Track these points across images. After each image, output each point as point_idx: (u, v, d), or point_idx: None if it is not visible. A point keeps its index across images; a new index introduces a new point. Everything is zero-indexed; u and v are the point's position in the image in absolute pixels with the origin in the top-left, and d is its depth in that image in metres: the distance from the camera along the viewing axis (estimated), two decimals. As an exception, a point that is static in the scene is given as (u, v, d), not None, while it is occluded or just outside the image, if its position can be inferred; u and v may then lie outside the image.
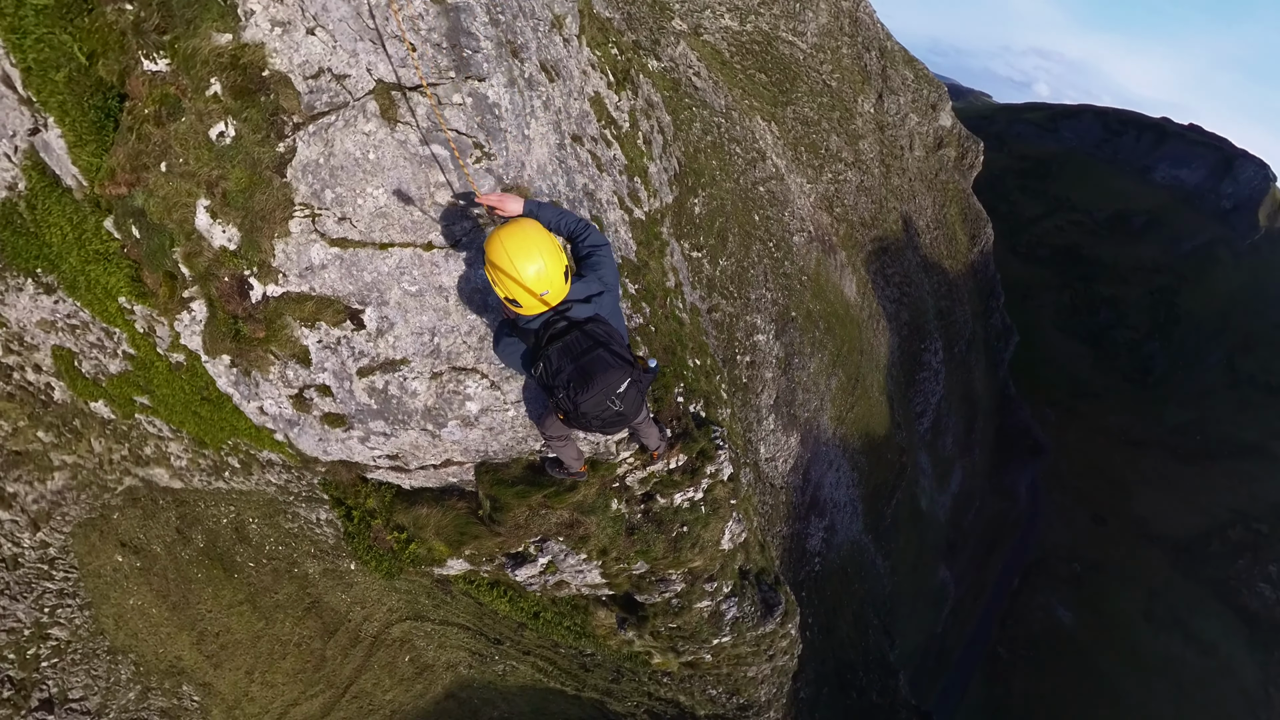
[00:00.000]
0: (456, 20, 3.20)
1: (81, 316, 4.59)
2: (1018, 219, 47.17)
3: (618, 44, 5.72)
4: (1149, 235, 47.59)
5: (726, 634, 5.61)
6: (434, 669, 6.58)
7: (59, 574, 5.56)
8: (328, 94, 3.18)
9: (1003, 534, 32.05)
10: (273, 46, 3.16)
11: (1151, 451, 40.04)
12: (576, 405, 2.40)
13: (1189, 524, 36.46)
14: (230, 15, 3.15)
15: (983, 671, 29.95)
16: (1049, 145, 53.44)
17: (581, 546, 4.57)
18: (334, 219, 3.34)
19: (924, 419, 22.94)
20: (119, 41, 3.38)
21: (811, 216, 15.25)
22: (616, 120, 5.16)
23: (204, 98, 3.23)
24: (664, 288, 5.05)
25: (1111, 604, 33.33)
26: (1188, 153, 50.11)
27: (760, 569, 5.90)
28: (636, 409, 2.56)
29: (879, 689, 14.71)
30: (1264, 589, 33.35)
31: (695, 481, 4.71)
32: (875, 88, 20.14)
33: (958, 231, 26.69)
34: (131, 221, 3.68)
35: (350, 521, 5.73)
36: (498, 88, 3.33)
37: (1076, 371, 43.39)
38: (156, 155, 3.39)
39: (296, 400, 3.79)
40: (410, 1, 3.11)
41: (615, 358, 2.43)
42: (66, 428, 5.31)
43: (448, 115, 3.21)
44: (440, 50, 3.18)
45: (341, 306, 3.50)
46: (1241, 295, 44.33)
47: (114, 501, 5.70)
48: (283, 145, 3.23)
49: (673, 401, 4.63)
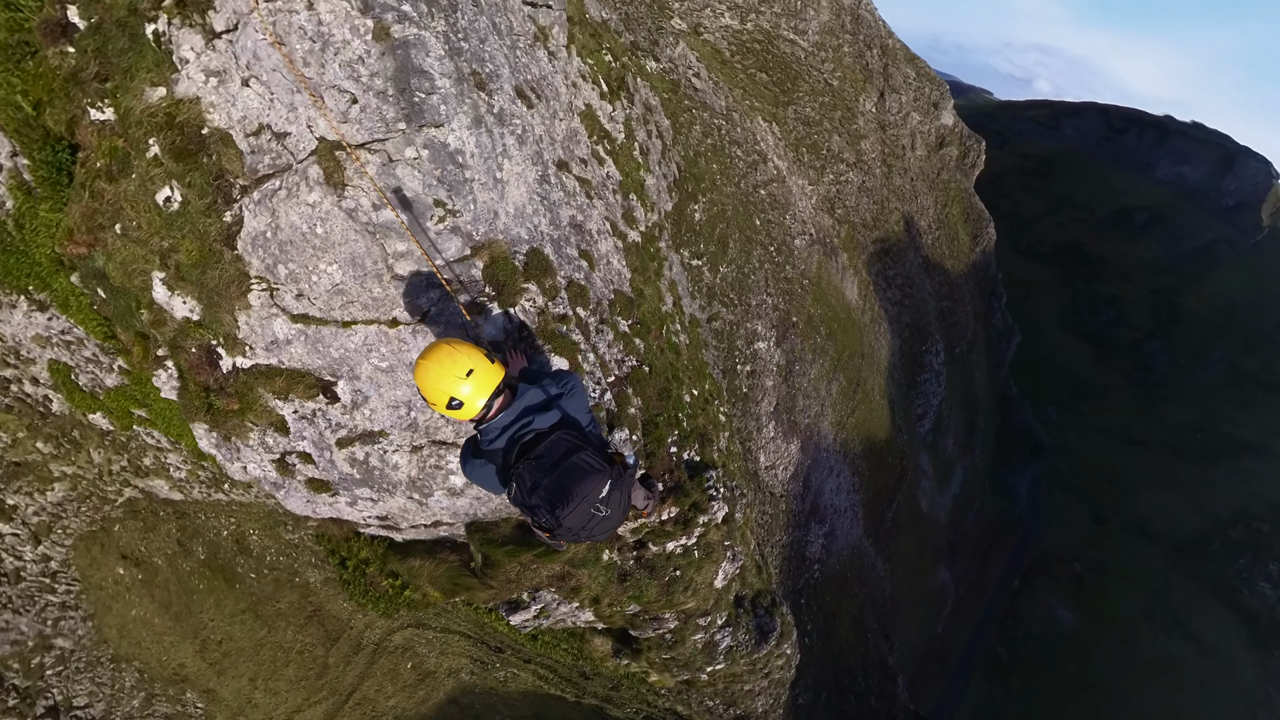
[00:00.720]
0: (405, 59, 2.74)
1: (76, 333, 4.55)
2: (1019, 217, 46.93)
3: (612, 49, 5.55)
4: (1151, 233, 47.34)
5: (721, 662, 5.65)
6: (436, 675, 6.58)
7: (61, 587, 5.55)
8: (269, 154, 2.87)
9: (1003, 534, 32.04)
10: (209, 100, 2.89)
11: (1153, 451, 39.97)
12: (559, 522, 2.26)
13: (1190, 523, 36.42)
14: (165, 64, 2.92)
15: (983, 672, 30.01)
16: (1051, 143, 53.08)
17: (574, 596, 4.56)
18: (291, 295, 3.10)
19: (925, 420, 22.90)
20: (64, 89, 3.20)
21: (813, 219, 15.17)
22: (610, 133, 4.94)
23: (145, 160, 3.03)
24: (660, 314, 4.93)
25: (1112, 604, 33.34)
26: (1190, 150, 49.78)
27: (756, 592, 5.90)
28: (623, 510, 2.43)
29: (878, 693, 14.74)
30: (1264, 588, 33.33)
31: (688, 530, 4.67)
32: (877, 86, 19.98)
33: (959, 231, 26.57)
34: (95, 283, 3.54)
35: (345, 570, 5.75)
36: (460, 131, 2.91)
37: (1078, 371, 43.26)
38: (110, 216, 3.21)
39: (279, 465, 3.64)
40: (348, 44, 2.68)
41: (591, 462, 2.30)
42: (65, 439, 5.29)
43: (399, 174, 2.80)
44: (385, 99, 2.74)
45: (313, 380, 3.30)
46: (1244, 294, 44.13)
47: (115, 514, 5.69)
48: (229, 214, 2.98)
49: (665, 454, 4.47)
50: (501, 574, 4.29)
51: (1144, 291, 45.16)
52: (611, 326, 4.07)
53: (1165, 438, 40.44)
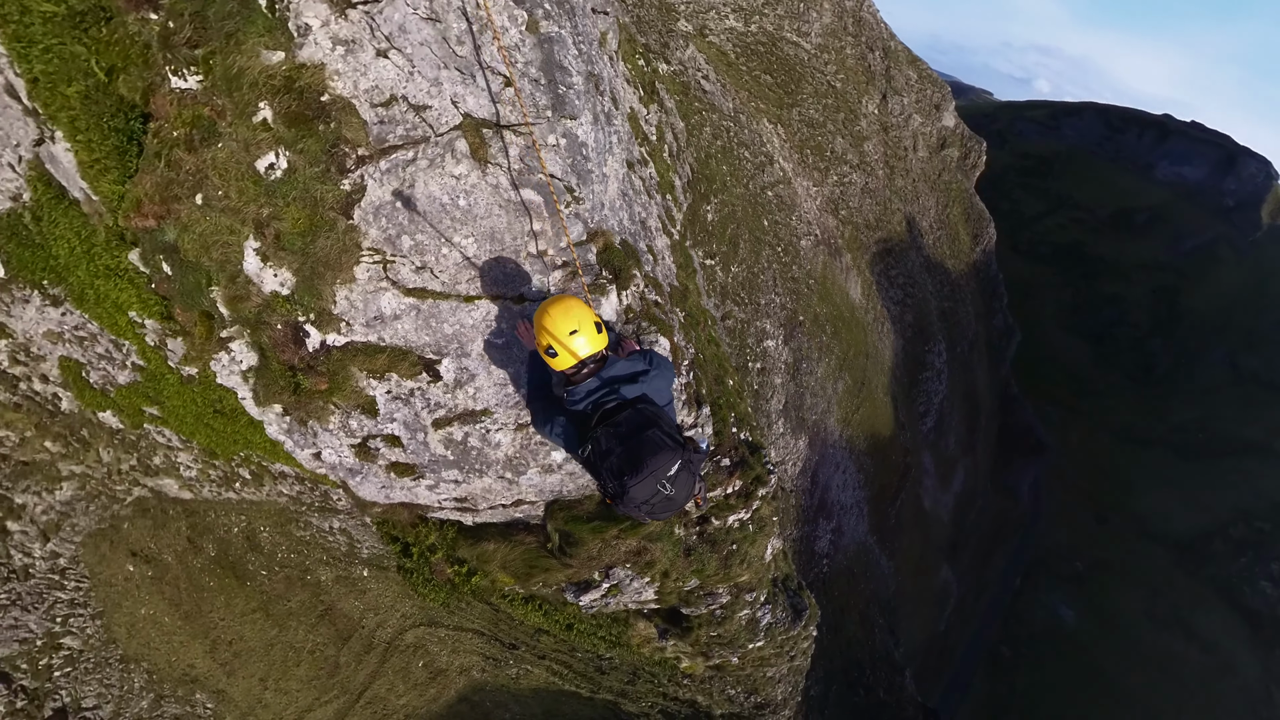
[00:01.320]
0: (550, 53, 2.92)
1: (90, 328, 4.52)
2: (1020, 217, 47.08)
3: (643, 55, 5.66)
4: (1151, 233, 47.49)
5: (761, 639, 5.76)
6: (447, 673, 6.57)
7: (70, 584, 5.54)
8: (403, 126, 2.82)
9: (1005, 533, 32.09)
10: (334, 68, 2.79)
11: (1154, 450, 40.06)
12: (625, 489, 2.32)
13: (1191, 522, 36.51)
14: (279, 30, 2.77)
15: (985, 669, 30.04)
16: (1051, 143, 53.26)
17: (647, 570, 4.61)
18: (411, 268, 3.01)
19: (927, 419, 22.95)
20: (142, 55, 2.97)
21: (818, 220, 15.22)
22: (648, 135, 5.11)
23: (250, 124, 2.85)
24: (701, 309, 5.07)
25: (1113, 602, 33.38)
26: (1190, 150, 49.96)
27: (785, 575, 6.03)
28: (688, 493, 2.46)
29: (885, 686, 14.77)
30: (1266, 587, 33.41)
31: (748, 504, 4.79)
32: (879, 88, 20.06)
33: (960, 231, 26.65)
34: (161, 257, 3.34)
35: (408, 558, 5.64)
36: (586, 126, 3.11)
37: (1079, 370, 43.35)
38: (190, 186, 3.03)
39: (360, 450, 3.52)
40: (506, 30, 2.82)
41: (666, 438, 2.36)
42: (74, 437, 5.26)
43: (543, 157, 2.95)
44: (539, 86, 2.90)
45: (416, 358, 3.21)
46: (1244, 293, 44.27)
47: (124, 512, 5.66)
48: (348, 182, 2.87)
49: (729, 433, 4.59)
50: (584, 551, 4.27)
51: (1145, 290, 45.31)
52: (676, 316, 4.21)
53: (1167, 436, 40.54)
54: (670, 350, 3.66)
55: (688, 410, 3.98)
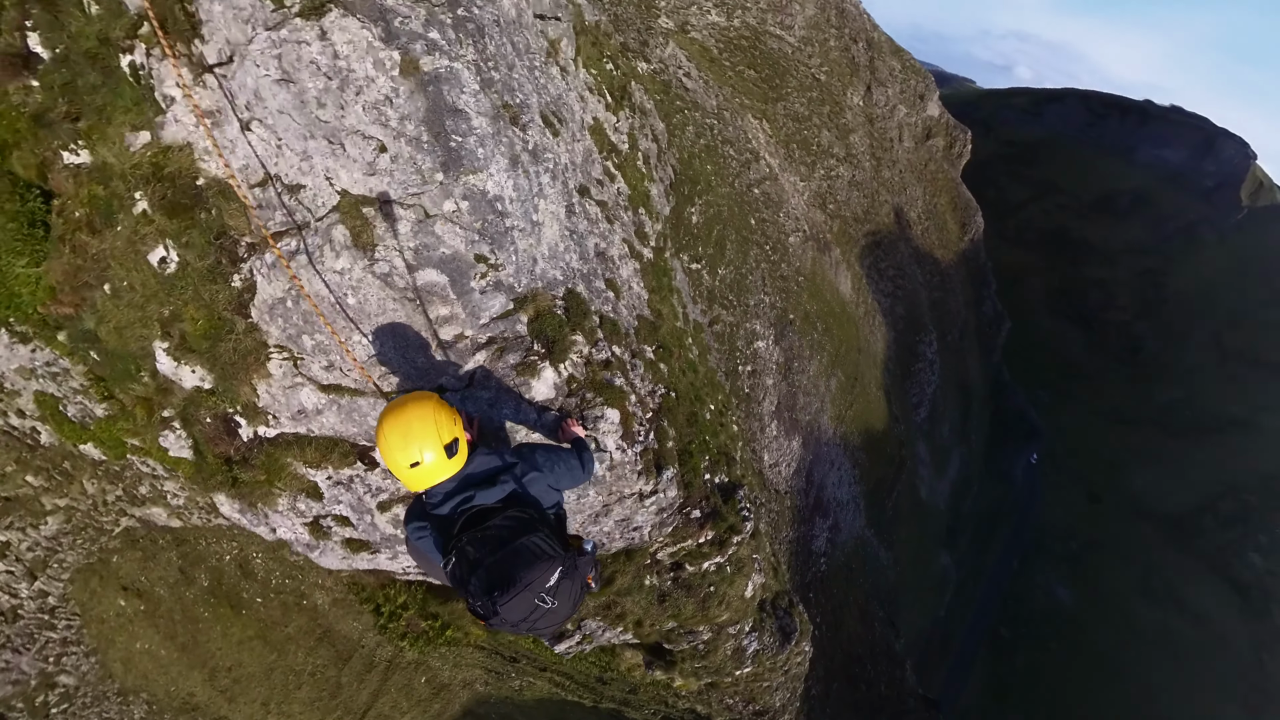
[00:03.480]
0: (438, 96, 2.37)
1: (62, 364, 4.28)
2: (1005, 204, 47.44)
3: (612, 57, 5.47)
4: (1135, 216, 48.09)
5: (749, 666, 5.74)
6: (450, 688, 6.53)
7: (61, 622, 5.43)
8: (280, 210, 2.46)
9: (1001, 517, 32.56)
10: (203, 146, 2.48)
11: (1143, 429, 40.76)
12: (496, 609, 1.95)
13: (1181, 498, 37.25)
14: (146, 102, 2.49)
15: (987, 652, 30.55)
16: (1034, 130, 53.69)
17: (619, 622, 4.55)
18: (320, 365, 2.74)
19: (921, 410, 23.16)
20: (31, 128, 2.71)
21: (806, 215, 15.22)
22: (617, 145, 4.76)
23: (133, 216, 2.59)
24: (676, 331, 4.84)
25: (1108, 580, 34.04)
26: (1170, 133, 50.58)
27: (775, 594, 6.02)
28: (573, 603, 2.10)
29: (886, 680, 14.97)
30: (1254, 558, 34.22)
31: (723, 550, 4.67)
32: (864, 80, 20.07)
33: (948, 221, 26.82)
34: (86, 345, 3.14)
35: (380, 616, 5.68)
36: (498, 175, 2.58)
37: (1068, 354, 43.96)
38: (97, 274, 2.78)
39: (313, 528, 3.34)
40: (372, 81, 2.30)
41: (541, 546, 2.04)
42: (56, 471, 5.11)
43: (438, 231, 2.43)
44: (420, 146, 2.36)
45: (348, 447, 2.97)
46: (1227, 273, 45.03)
47: (112, 544, 5.55)
48: (238, 279, 2.58)
49: (700, 483, 4.33)
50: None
51: (1130, 274, 45.95)
52: (640, 357, 3.84)
53: (1155, 416, 41.25)
54: (620, 420, 3.20)
55: (645, 479, 3.58)
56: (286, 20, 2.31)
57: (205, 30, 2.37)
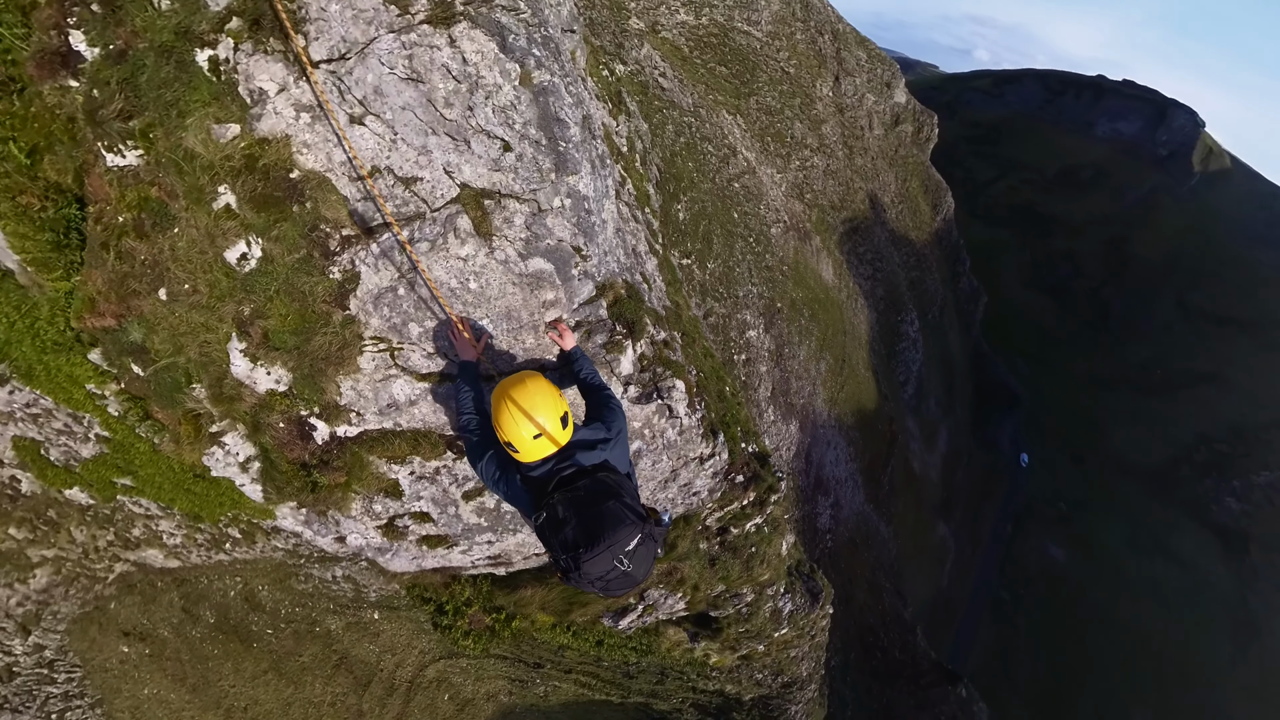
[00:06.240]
0: (546, 106, 2.62)
1: (43, 404, 4.01)
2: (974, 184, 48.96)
3: (606, 63, 5.61)
4: (1096, 187, 50.08)
5: (785, 626, 6.05)
6: (475, 703, 6.44)
7: (61, 675, 5.14)
8: (391, 202, 2.52)
9: (992, 485, 33.63)
10: (302, 140, 2.47)
11: (1118, 390, 42.48)
12: (579, 564, 2.08)
13: (1159, 453, 38.96)
14: (228, 97, 2.42)
15: (990, 615, 31.52)
16: (996, 110, 55.54)
17: (679, 587, 4.78)
18: (422, 354, 2.76)
19: (907, 387, 23.84)
20: (67, 131, 2.55)
21: (785, 206, 15.62)
22: (621, 149, 4.87)
23: (209, 211, 2.51)
24: (692, 321, 5.03)
25: (1098, 537, 35.43)
26: (1124, 106, 52.82)
27: (798, 561, 6.37)
28: (646, 569, 2.21)
29: (900, 645, 15.47)
30: (1230, 503, 36.01)
31: (762, 510, 4.95)
32: (831, 71, 20.59)
33: (921, 203, 27.62)
34: (127, 359, 2.91)
35: (443, 615, 5.56)
36: (586, 178, 2.85)
37: (1043, 323, 45.57)
38: (150, 280, 2.64)
39: (387, 529, 3.31)
40: (499, 88, 2.50)
41: (626, 510, 2.17)
42: (41, 520, 4.78)
43: (549, 224, 2.70)
44: (540, 148, 2.60)
45: (438, 438, 2.98)
46: (1186, 236, 47.24)
47: (108, 591, 5.26)
48: (337, 269, 2.57)
49: (740, 450, 4.54)
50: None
51: (1095, 243, 47.82)
52: (677, 341, 4.03)
53: (1128, 376, 43.02)
54: (685, 389, 3.46)
55: (705, 442, 3.86)
56: (412, 25, 2.45)
57: (312, 28, 2.42)
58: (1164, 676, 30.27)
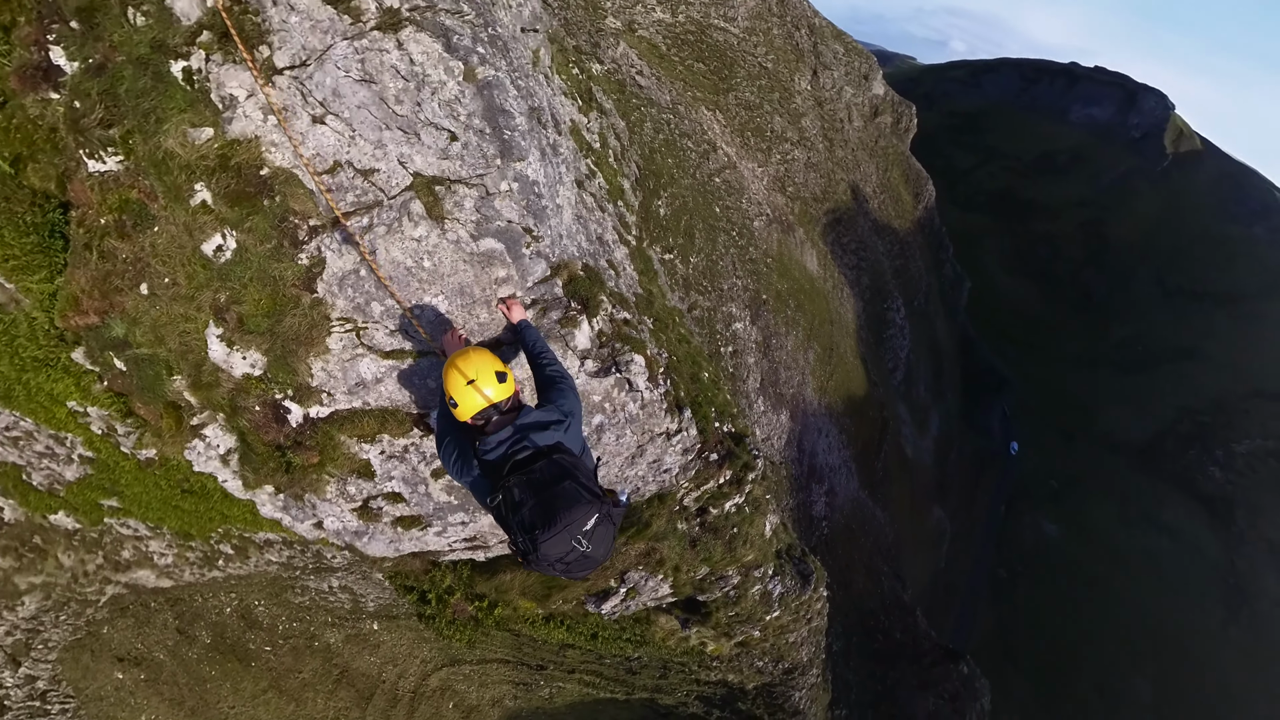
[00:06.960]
0: (491, 99, 2.89)
1: (24, 426, 4.01)
2: (954, 172, 49.77)
3: (576, 62, 5.74)
4: (1073, 172, 51.20)
5: (776, 609, 6.08)
6: (480, 708, 6.40)
7: (55, 707, 5.01)
8: (352, 192, 2.77)
9: (984, 467, 34.20)
10: (269, 139, 2.71)
11: (1102, 369, 43.45)
12: (536, 545, 2.10)
13: (1144, 428, 39.92)
14: (201, 104, 2.64)
15: (989, 594, 32.05)
16: (974, 99, 56.61)
17: (659, 569, 4.82)
18: (385, 331, 2.97)
19: (896, 373, 24.18)
20: (49, 140, 2.76)
21: (767, 199, 15.79)
22: (591, 145, 5.08)
23: (188, 207, 2.73)
24: (668, 309, 5.15)
25: (1089, 512, 36.21)
26: (1097, 92, 54.14)
27: (788, 545, 6.42)
28: (606, 550, 2.23)
29: (901, 628, 15.69)
30: (1213, 471, 37.05)
31: (740, 488, 5.03)
32: (809, 65, 20.83)
33: (902, 192, 28.03)
34: (111, 354, 3.10)
35: (426, 604, 5.56)
36: (535, 164, 3.09)
37: (1026, 307, 46.49)
38: (131, 276, 2.85)
39: (362, 511, 3.46)
40: (444, 84, 2.77)
41: (582, 490, 2.20)
42: (26, 548, 4.70)
43: (497, 206, 2.95)
44: (484, 137, 2.86)
45: (404, 415, 3.16)
46: (1161, 216, 48.48)
47: (100, 615, 5.14)
48: (305, 256, 2.81)
49: (713, 429, 4.69)
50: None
51: (1074, 226, 48.87)
52: (645, 325, 4.25)
53: (1111, 355, 44.02)
54: (645, 364, 3.65)
55: (670, 417, 4.01)
56: (364, 32, 2.72)
57: (275, 39, 2.70)
58: (1160, 643, 31.04)
